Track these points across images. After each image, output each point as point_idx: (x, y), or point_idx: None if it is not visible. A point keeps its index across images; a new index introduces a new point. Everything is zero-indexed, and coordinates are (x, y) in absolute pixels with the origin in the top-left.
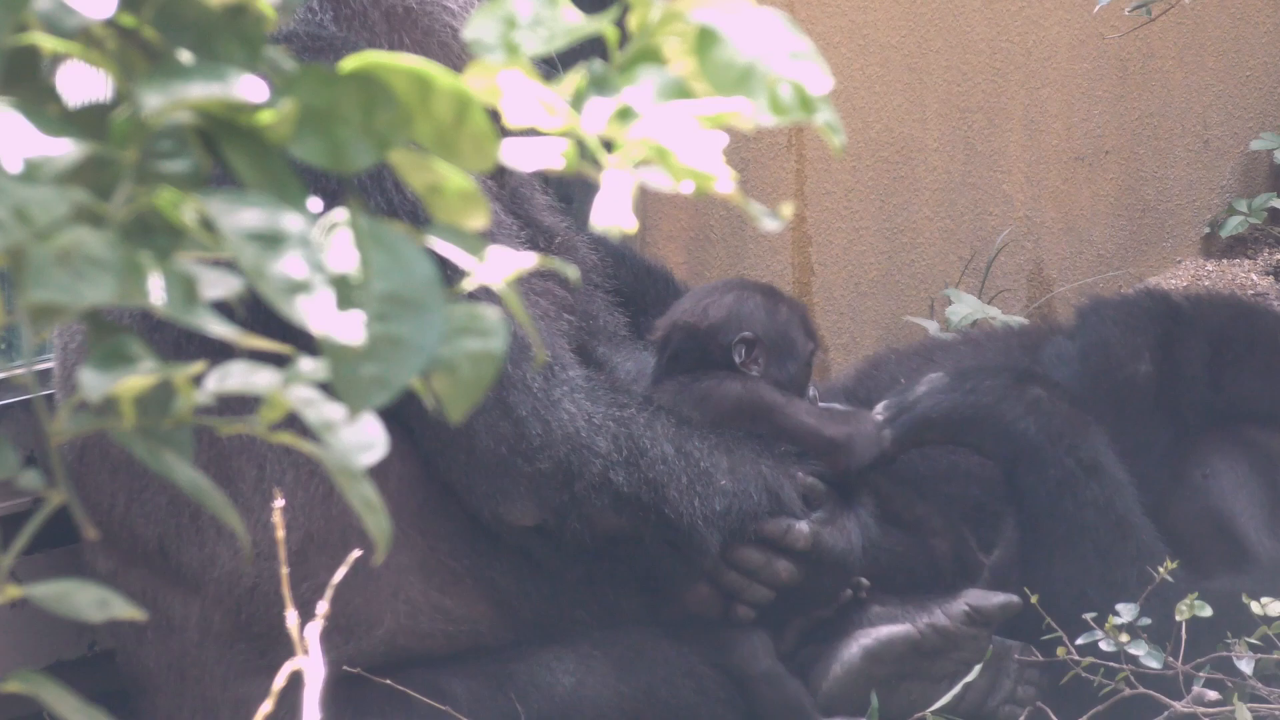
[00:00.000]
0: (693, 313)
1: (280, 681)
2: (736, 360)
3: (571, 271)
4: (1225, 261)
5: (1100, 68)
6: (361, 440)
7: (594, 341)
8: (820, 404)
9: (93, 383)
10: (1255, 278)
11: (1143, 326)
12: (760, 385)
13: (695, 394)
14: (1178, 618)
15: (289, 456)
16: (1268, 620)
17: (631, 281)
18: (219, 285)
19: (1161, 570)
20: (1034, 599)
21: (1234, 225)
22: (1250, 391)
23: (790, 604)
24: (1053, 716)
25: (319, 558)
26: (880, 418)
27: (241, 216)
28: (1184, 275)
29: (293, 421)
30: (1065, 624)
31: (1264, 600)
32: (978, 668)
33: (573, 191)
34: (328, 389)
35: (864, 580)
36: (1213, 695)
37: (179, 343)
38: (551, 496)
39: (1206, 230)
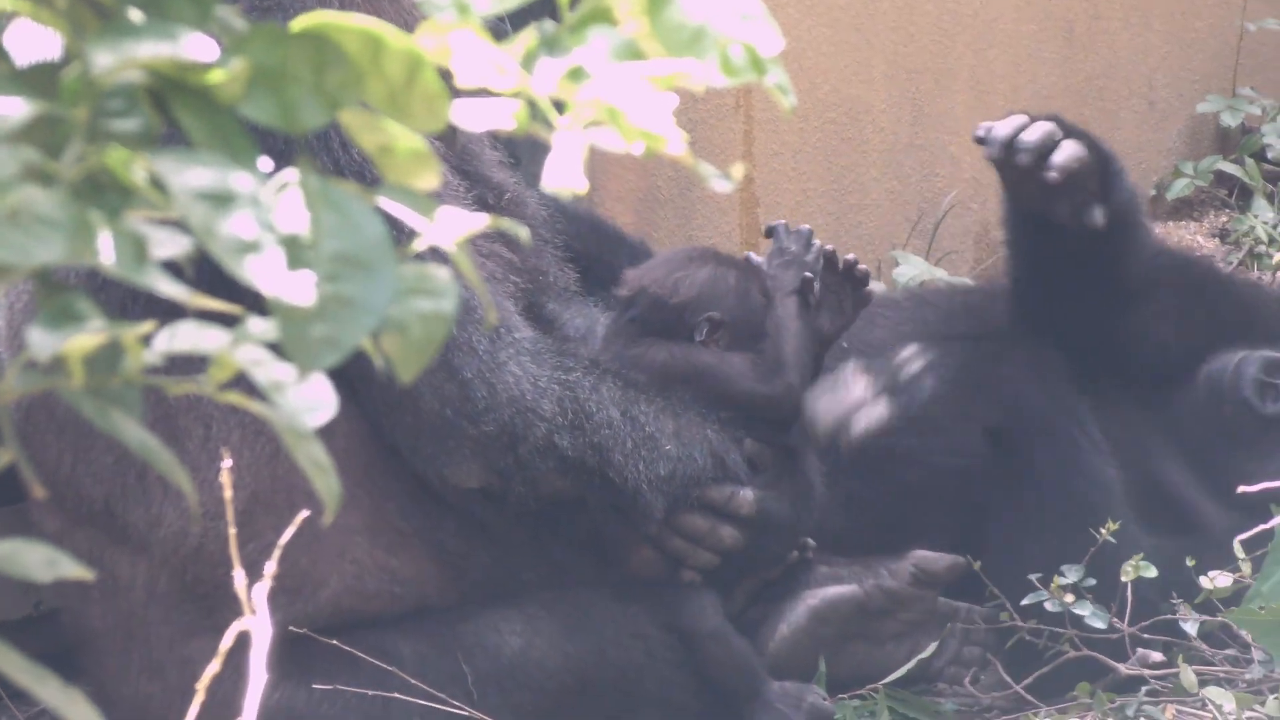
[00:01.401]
0: (664, 285)
1: (228, 642)
2: (697, 338)
3: (523, 233)
4: (1171, 224)
5: (1047, 29)
6: (310, 401)
7: (544, 298)
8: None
9: (42, 341)
10: (1201, 240)
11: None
12: (696, 348)
13: (629, 358)
14: (1123, 578)
15: (235, 416)
16: (1216, 589)
17: (583, 238)
18: (169, 245)
19: (1104, 530)
20: (976, 565)
21: (1180, 188)
22: (1160, 340)
23: (736, 568)
24: (1003, 672)
25: (265, 518)
26: (869, 390)
27: (191, 176)
28: None
29: (241, 381)
30: (1020, 586)
31: (1211, 574)
32: (934, 645)
33: (521, 151)
34: (277, 349)
35: (810, 542)
36: (1157, 657)
37: (124, 303)
38: (496, 459)
39: (1153, 193)
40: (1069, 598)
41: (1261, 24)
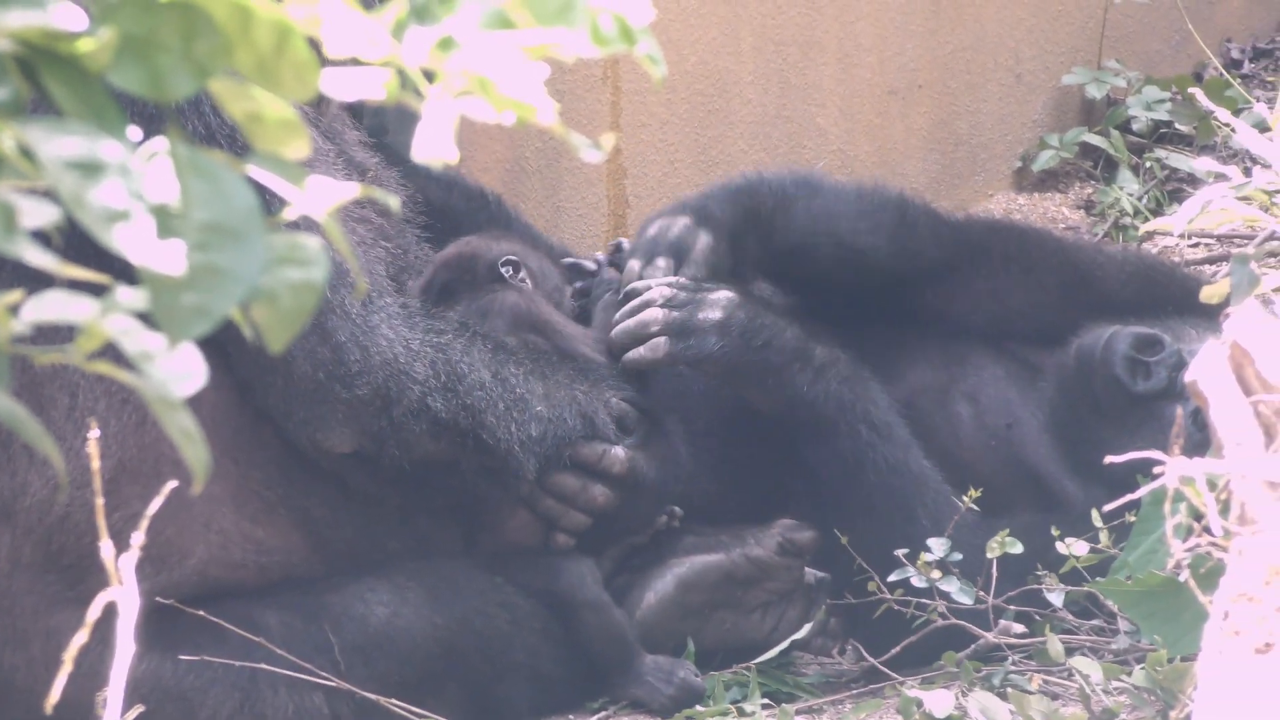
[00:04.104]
0: (454, 248)
1: (95, 612)
2: (505, 275)
3: (392, 200)
4: (1037, 195)
5: (914, 1)
6: (180, 370)
7: (405, 275)
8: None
9: None
10: (1066, 211)
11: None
12: (536, 298)
13: (478, 309)
14: (989, 554)
15: (101, 385)
16: (1077, 558)
17: (462, 205)
18: (37, 214)
19: (966, 500)
20: (844, 540)
21: (1046, 159)
22: (1005, 304)
23: (606, 530)
24: (862, 649)
25: (131, 487)
26: (660, 331)
27: (61, 145)
28: (996, 209)
29: (110, 350)
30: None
31: (1069, 541)
32: (807, 627)
33: (389, 123)
34: (147, 319)
35: (677, 510)
36: (1019, 628)
37: None
38: (369, 422)
39: (1018, 164)
40: (935, 573)
41: None
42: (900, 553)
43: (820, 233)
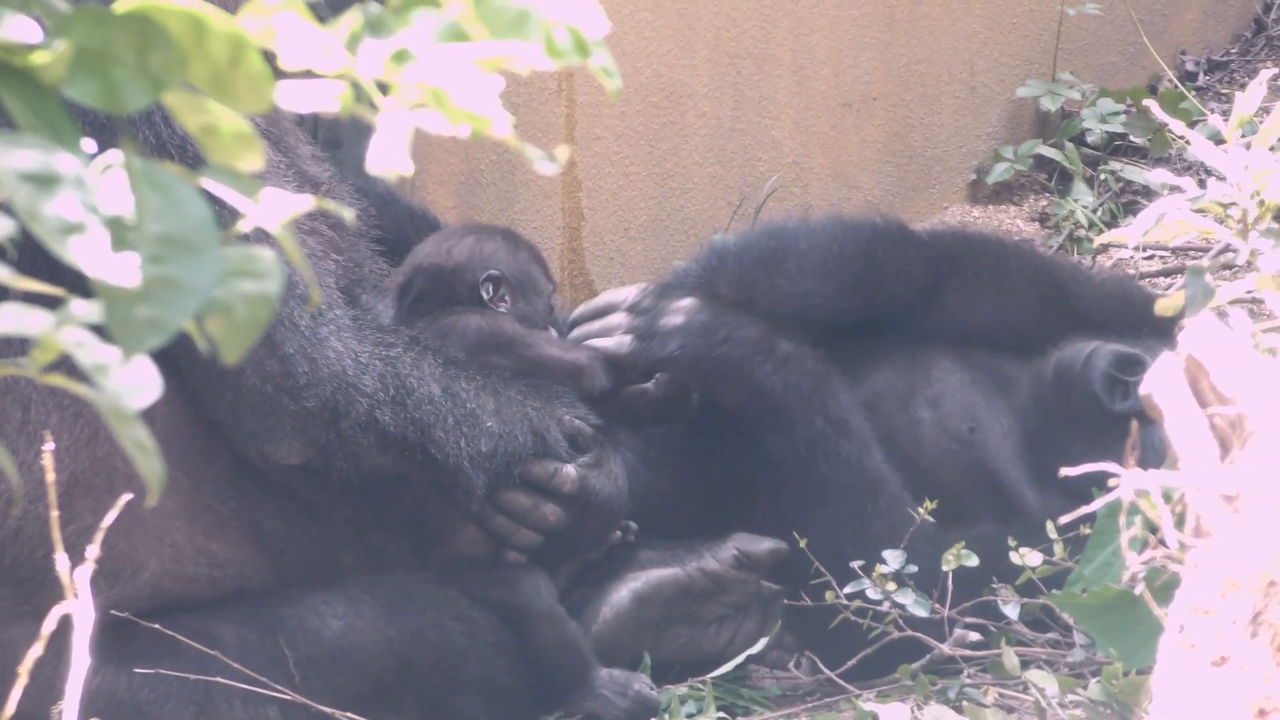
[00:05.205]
0: (436, 254)
1: (50, 626)
2: (485, 297)
3: (347, 213)
4: (991, 208)
5: (868, 14)
6: (135, 382)
7: (358, 288)
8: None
9: None
10: (1021, 224)
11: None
12: (501, 318)
13: (439, 330)
14: (944, 567)
15: (54, 398)
16: (1031, 568)
17: (396, 227)
18: None
19: (922, 510)
20: (803, 543)
21: (1000, 172)
22: (978, 316)
23: (560, 548)
24: (818, 661)
25: (84, 500)
26: (625, 333)
27: (15, 157)
28: (951, 221)
29: (64, 363)
30: (829, 568)
31: (1023, 550)
32: (763, 641)
33: (344, 135)
34: (101, 331)
35: (632, 524)
36: (974, 637)
37: None
38: (317, 435)
39: (973, 177)
40: (890, 585)
41: (1081, 9)
42: (856, 565)
43: (784, 311)
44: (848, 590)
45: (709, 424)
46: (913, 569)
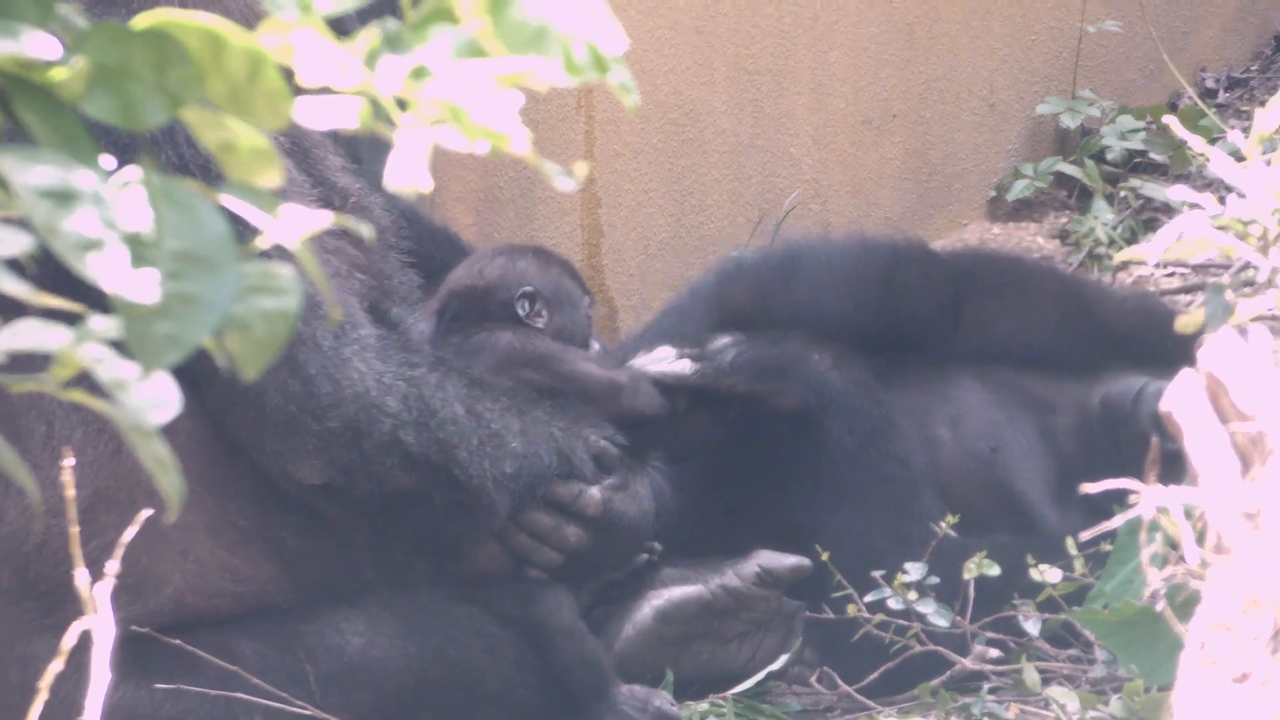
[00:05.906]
0: (469, 276)
1: (71, 640)
2: (521, 314)
3: (366, 230)
4: (1011, 225)
5: (887, 31)
6: (154, 398)
7: (388, 302)
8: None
9: None
10: (1041, 241)
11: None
12: (534, 334)
13: (470, 347)
14: (965, 576)
15: (78, 414)
16: (1051, 585)
17: (419, 244)
18: (11, 242)
19: (944, 524)
20: (824, 556)
21: (1020, 189)
22: (999, 334)
23: (582, 567)
24: (837, 676)
25: (107, 516)
26: (679, 358)
27: (34, 173)
28: (970, 238)
29: (84, 379)
30: (852, 577)
31: (1043, 566)
32: (784, 658)
33: (363, 151)
34: (121, 347)
35: (656, 545)
36: (995, 653)
37: None
38: (340, 455)
39: (992, 194)
40: (912, 595)
41: (1101, 25)
42: (877, 574)
43: (802, 322)
44: (869, 599)
45: (737, 443)
46: (934, 580)
